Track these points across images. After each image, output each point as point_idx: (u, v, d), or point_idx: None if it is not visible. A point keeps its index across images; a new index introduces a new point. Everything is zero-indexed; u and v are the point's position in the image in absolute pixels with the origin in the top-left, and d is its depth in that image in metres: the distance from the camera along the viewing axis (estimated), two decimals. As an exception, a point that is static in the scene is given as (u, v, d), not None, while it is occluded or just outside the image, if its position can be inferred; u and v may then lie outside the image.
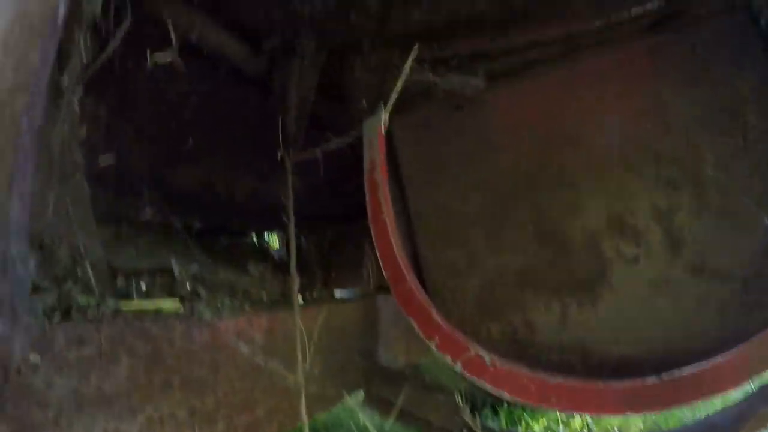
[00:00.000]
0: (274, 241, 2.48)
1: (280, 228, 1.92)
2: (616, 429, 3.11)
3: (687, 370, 1.10)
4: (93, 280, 0.89)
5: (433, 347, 1.28)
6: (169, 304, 1.00)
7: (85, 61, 0.89)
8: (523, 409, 3.04)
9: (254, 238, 2.42)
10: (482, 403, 3.84)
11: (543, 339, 1.37)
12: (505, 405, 3.21)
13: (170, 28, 1.10)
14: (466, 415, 1.41)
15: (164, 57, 1.11)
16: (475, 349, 1.23)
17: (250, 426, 1.06)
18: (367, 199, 1.36)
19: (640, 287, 1.31)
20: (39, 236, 0.83)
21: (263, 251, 2.23)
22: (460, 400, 1.42)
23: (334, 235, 2.39)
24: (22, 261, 0.43)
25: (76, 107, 0.91)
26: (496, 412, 3.87)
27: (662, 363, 1.23)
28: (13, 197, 0.43)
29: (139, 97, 1.28)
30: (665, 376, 1.11)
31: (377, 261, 1.37)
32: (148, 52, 1.11)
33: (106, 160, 1.17)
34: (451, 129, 1.49)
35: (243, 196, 1.72)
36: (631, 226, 1.33)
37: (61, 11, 0.50)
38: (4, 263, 0.42)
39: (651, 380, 1.12)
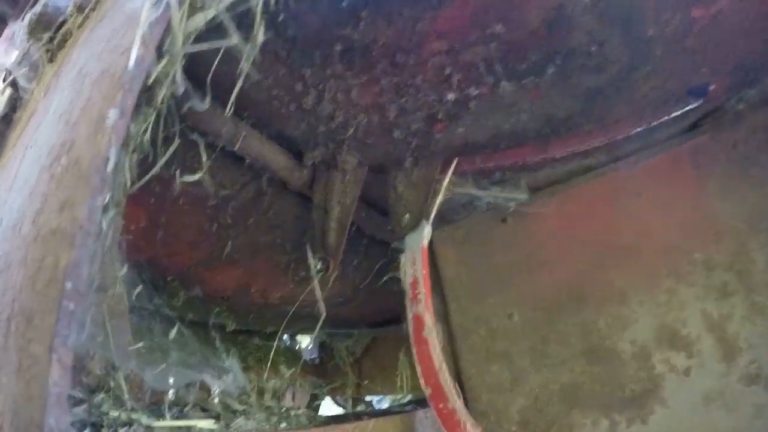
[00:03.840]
0: (304, 343, 2.57)
1: (312, 331, 1.99)
2: None
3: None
4: (125, 394, 0.94)
5: (478, 468, 1.33)
6: (203, 423, 1.04)
7: (129, 182, 0.94)
8: None
9: (287, 341, 2.50)
10: None
11: (589, 460, 1.41)
12: None
13: (201, 149, 1.20)
14: None
15: (192, 177, 1.21)
16: (521, 473, 1.28)
17: None
18: (409, 315, 1.45)
19: (694, 400, 1.36)
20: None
21: (294, 354, 2.31)
22: None
23: (367, 341, 2.46)
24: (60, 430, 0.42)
25: (120, 222, 0.95)
26: None
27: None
28: (53, 364, 0.43)
29: (181, 202, 1.38)
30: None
31: (412, 369, 1.44)
32: (177, 173, 1.21)
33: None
34: (495, 242, 1.58)
35: (278, 299, 1.81)
36: (682, 337, 1.39)
37: (111, 163, 0.50)
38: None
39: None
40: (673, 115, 1.45)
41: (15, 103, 1.05)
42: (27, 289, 0.52)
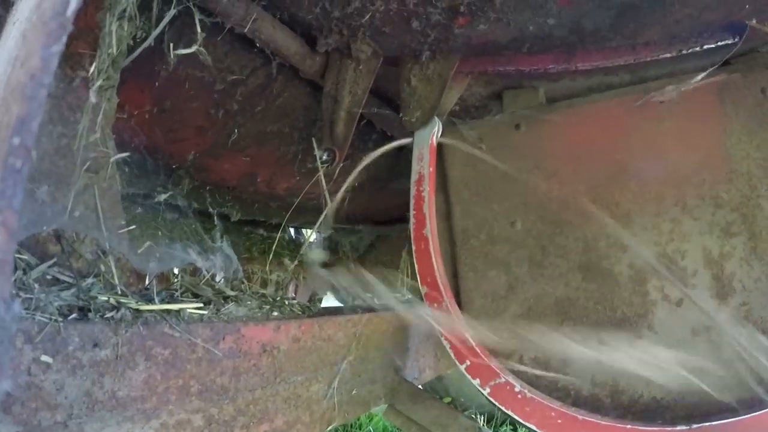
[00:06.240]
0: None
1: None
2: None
3: (718, 422, 1.19)
4: (115, 278, 0.92)
5: (463, 369, 1.36)
6: (192, 307, 1.00)
7: (116, 50, 0.92)
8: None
9: (291, 234, 2.53)
10: (501, 419, 3.95)
11: (575, 372, 1.44)
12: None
13: (196, 19, 1.14)
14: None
15: (186, 50, 1.15)
16: (506, 377, 1.32)
17: (267, 436, 1.12)
18: (412, 212, 1.45)
19: (682, 331, 1.37)
20: (59, 229, 0.87)
21: (298, 248, 2.34)
22: (482, 422, 1.49)
23: (372, 238, 2.48)
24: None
25: (113, 99, 0.95)
26: (515, 429, 3.98)
27: (694, 411, 1.30)
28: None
29: (186, 87, 1.35)
30: (695, 426, 1.19)
31: (413, 269, 1.45)
32: (170, 45, 1.16)
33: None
34: (506, 147, 1.55)
35: (284, 190, 1.81)
36: (680, 269, 1.39)
37: (72, 7, 0.46)
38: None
39: (680, 428, 1.20)
40: (706, 47, 1.40)
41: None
42: None
